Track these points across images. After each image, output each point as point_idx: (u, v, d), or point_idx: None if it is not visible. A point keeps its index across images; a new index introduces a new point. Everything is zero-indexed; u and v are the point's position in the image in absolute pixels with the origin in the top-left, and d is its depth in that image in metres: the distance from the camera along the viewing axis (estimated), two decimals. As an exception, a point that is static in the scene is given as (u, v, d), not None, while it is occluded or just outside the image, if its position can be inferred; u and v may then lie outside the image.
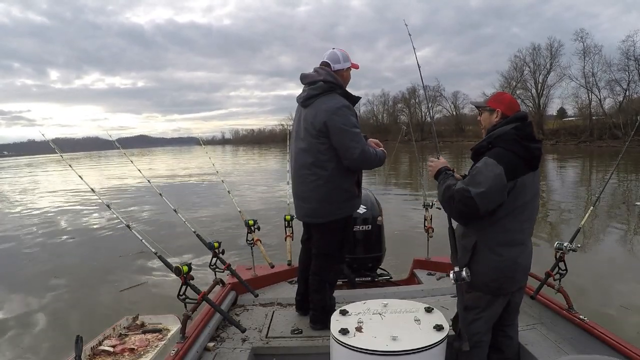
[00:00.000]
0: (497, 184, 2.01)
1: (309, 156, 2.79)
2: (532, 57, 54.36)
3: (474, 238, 2.19)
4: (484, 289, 2.16)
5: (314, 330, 2.99)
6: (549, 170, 22.27)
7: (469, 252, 2.19)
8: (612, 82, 44.80)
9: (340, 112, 2.69)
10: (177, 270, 2.63)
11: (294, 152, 2.96)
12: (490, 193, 2.01)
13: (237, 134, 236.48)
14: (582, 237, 8.28)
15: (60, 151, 3.89)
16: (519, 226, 2.18)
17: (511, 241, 2.17)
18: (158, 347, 2.94)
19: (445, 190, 2.16)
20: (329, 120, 2.67)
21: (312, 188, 2.82)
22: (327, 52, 2.90)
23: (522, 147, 2.11)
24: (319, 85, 2.76)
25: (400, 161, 26.35)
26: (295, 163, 2.93)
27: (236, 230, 8.95)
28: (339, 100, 2.74)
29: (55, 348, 4.59)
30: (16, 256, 8.76)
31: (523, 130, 2.15)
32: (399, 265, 5.30)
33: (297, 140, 2.92)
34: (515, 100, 2.35)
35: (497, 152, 2.09)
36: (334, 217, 2.86)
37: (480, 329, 2.27)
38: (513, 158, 2.08)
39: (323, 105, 2.72)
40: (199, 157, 50.58)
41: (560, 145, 45.32)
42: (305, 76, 2.87)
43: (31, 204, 16.85)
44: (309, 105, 2.81)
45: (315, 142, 2.74)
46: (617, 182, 16.31)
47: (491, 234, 2.15)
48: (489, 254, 2.14)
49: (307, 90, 2.82)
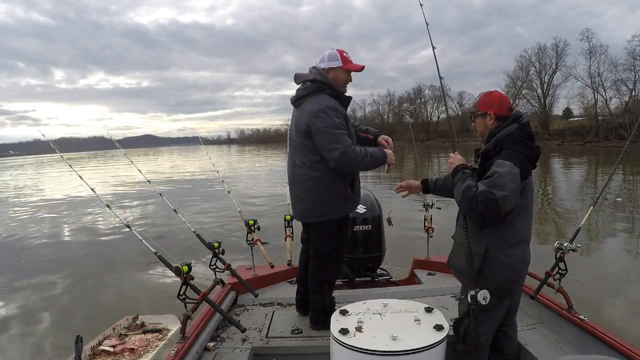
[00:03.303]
0: (517, 186, 2.02)
1: (301, 156, 2.82)
2: (537, 57, 54.18)
3: (484, 242, 2.13)
4: (495, 292, 2.11)
5: (314, 330, 2.99)
6: (555, 171, 22.18)
7: (479, 257, 2.13)
8: (618, 82, 44.56)
9: (321, 114, 2.65)
10: (177, 270, 2.63)
11: (290, 152, 2.99)
12: (512, 196, 1.99)
13: (242, 134, 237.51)
14: (588, 237, 8.26)
15: (61, 151, 3.91)
16: (524, 225, 2.18)
17: (520, 240, 2.17)
18: (158, 347, 2.93)
19: (465, 190, 2.07)
20: (310, 122, 2.66)
21: (306, 188, 2.83)
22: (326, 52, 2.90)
23: (527, 148, 2.12)
24: (307, 86, 2.78)
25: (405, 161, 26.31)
26: (291, 163, 2.95)
27: (236, 230, 8.98)
28: (325, 101, 2.70)
29: (54, 348, 4.62)
30: (15, 256, 8.80)
31: (525, 130, 2.17)
32: (399, 265, 5.30)
33: (291, 140, 2.96)
34: (504, 97, 2.33)
35: (510, 154, 2.06)
36: (328, 218, 2.85)
37: (487, 331, 2.26)
38: (523, 159, 2.08)
39: (308, 107, 2.73)
40: (203, 157, 50.71)
41: (566, 146, 45.08)
42: (298, 76, 2.88)
43: (31, 204, 16.96)
44: (299, 106, 2.83)
45: (304, 142, 2.76)
46: (632, 182, 16.23)
47: (502, 236, 2.13)
48: (500, 255, 2.12)
49: (296, 91, 2.85)
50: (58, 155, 3.90)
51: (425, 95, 77.79)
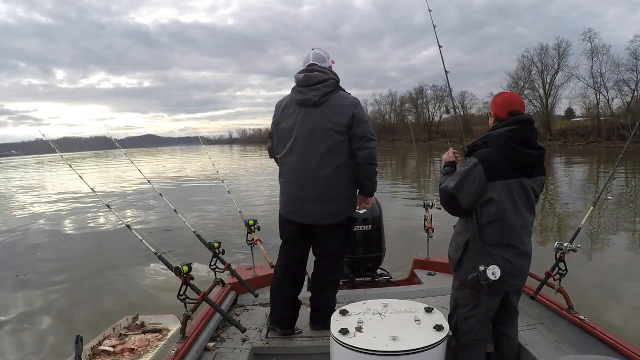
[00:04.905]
0: (470, 177, 2.11)
1: (334, 156, 2.72)
2: (539, 57, 53.99)
3: (466, 236, 2.23)
4: (474, 285, 2.14)
5: (314, 330, 2.99)
6: (557, 171, 22.16)
7: (460, 249, 2.25)
8: (620, 82, 44.43)
9: (360, 105, 2.78)
10: (177, 270, 2.63)
11: (306, 154, 2.75)
12: (461, 185, 2.13)
13: (244, 134, 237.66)
14: (588, 237, 8.26)
15: (61, 151, 3.92)
16: (510, 231, 2.16)
17: (503, 244, 2.17)
18: (158, 347, 2.94)
19: (440, 183, 2.33)
20: (356, 112, 2.70)
21: (332, 188, 2.74)
22: (310, 53, 2.86)
23: (513, 151, 2.10)
24: (331, 82, 2.73)
25: (408, 161, 26.39)
26: (311, 165, 2.74)
27: (236, 230, 8.98)
28: (351, 96, 2.79)
29: (54, 347, 4.63)
30: (14, 256, 8.81)
31: (519, 133, 2.12)
32: (399, 265, 5.29)
33: (309, 142, 2.74)
34: (510, 100, 2.27)
35: (483, 152, 2.15)
36: (349, 214, 2.90)
37: (473, 327, 2.26)
38: (499, 159, 2.10)
39: (344, 100, 2.72)
40: (204, 157, 50.80)
41: (567, 146, 45.02)
42: (312, 77, 2.73)
43: (30, 204, 16.95)
44: (322, 104, 2.71)
45: (340, 139, 2.70)
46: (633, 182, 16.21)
47: (482, 235, 2.16)
48: (480, 252, 2.13)
49: (321, 88, 2.70)
50: (59, 155, 3.91)
51: (427, 95, 77.74)
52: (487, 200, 2.13)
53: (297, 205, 2.82)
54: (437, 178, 2.73)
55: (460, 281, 2.33)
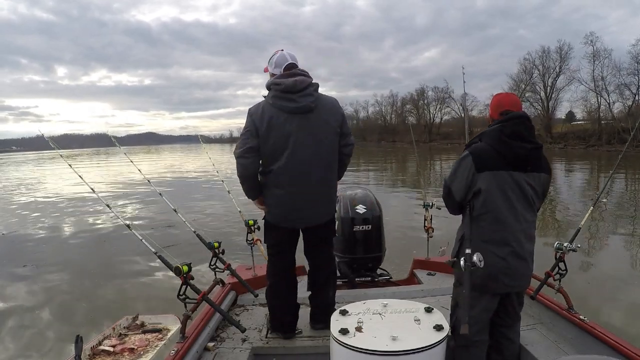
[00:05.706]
0: (461, 168, 2.21)
1: (333, 156, 2.79)
2: (541, 60, 53.82)
3: (462, 231, 2.29)
4: (456, 268, 2.19)
5: (314, 330, 2.99)
6: (558, 173, 22.15)
7: (457, 243, 2.31)
8: (622, 86, 44.26)
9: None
10: (177, 270, 2.62)
11: (310, 162, 2.67)
12: (453, 177, 2.25)
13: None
14: (590, 239, 8.26)
15: (59, 148, 3.92)
16: (502, 226, 2.17)
17: (496, 240, 2.17)
18: (158, 347, 2.95)
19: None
20: (342, 111, 2.86)
21: (334, 185, 2.90)
22: (282, 54, 2.77)
23: (504, 144, 2.15)
24: (316, 87, 2.72)
25: (408, 162, 26.39)
26: (316, 171, 2.70)
27: (236, 230, 8.98)
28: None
29: (54, 347, 4.63)
30: (14, 256, 8.77)
31: (509, 127, 2.17)
32: (399, 265, 5.29)
33: (311, 148, 2.67)
34: (503, 101, 2.33)
35: (475, 145, 2.25)
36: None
37: (473, 327, 2.24)
38: (489, 151, 2.17)
39: (330, 100, 2.79)
40: (204, 156, 50.81)
41: (568, 149, 44.98)
42: (302, 82, 2.64)
43: (30, 203, 16.90)
44: (315, 108, 2.66)
45: (336, 139, 2.78)
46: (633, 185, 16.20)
47: (475, 230, 2.18)
48: (473, 249, 2.12)
49: (313, 93, 2.66)
50: (60, 152, 3.90)
51: (428, 97, 77.61)
52: (476, 192, 2.17)
53: (297, 213, 2.76)
54: (437, 179, 2.74)
55: (457, 278, 2.37)
